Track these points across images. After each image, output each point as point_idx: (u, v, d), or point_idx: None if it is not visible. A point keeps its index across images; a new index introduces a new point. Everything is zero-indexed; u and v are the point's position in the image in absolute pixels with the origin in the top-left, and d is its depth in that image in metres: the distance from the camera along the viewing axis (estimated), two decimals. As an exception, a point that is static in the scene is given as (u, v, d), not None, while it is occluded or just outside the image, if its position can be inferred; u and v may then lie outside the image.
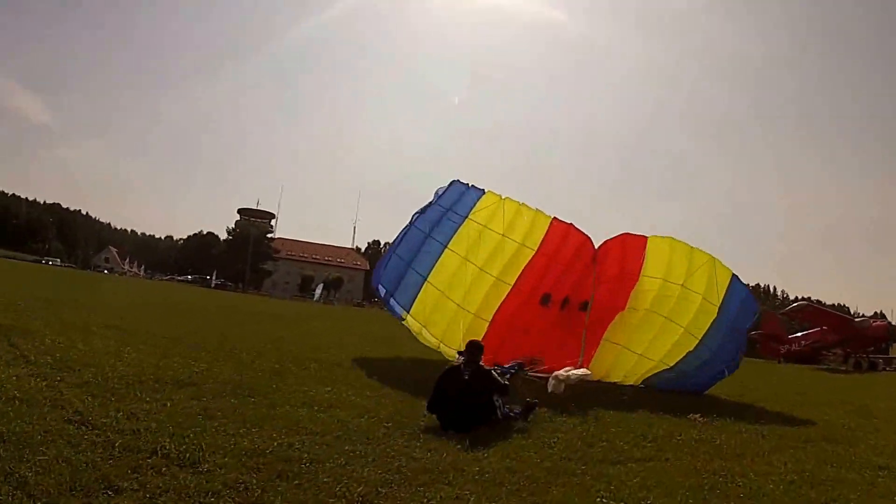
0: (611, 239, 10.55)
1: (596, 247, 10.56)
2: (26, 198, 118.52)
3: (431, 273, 10.49)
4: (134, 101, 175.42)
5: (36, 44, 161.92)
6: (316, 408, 6.27)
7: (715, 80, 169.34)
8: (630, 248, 10.39)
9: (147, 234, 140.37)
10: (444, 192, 10.79)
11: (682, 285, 9.85)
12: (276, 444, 4.79)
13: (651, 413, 7.70)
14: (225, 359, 8.80)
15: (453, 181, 10.88)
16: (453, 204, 10.57)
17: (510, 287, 10.15)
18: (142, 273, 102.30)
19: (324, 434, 5.31)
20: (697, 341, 9.67)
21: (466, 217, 10.35)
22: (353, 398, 7.01)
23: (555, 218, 10.41)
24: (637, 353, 9.97)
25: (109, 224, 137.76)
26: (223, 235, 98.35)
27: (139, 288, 37.13)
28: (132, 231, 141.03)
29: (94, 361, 6.95)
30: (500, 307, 10.17)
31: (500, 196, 10.48)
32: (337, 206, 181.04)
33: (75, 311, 12.43)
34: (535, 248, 10.15)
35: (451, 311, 10.27)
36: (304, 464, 4.43)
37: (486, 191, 10.65)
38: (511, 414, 6.67)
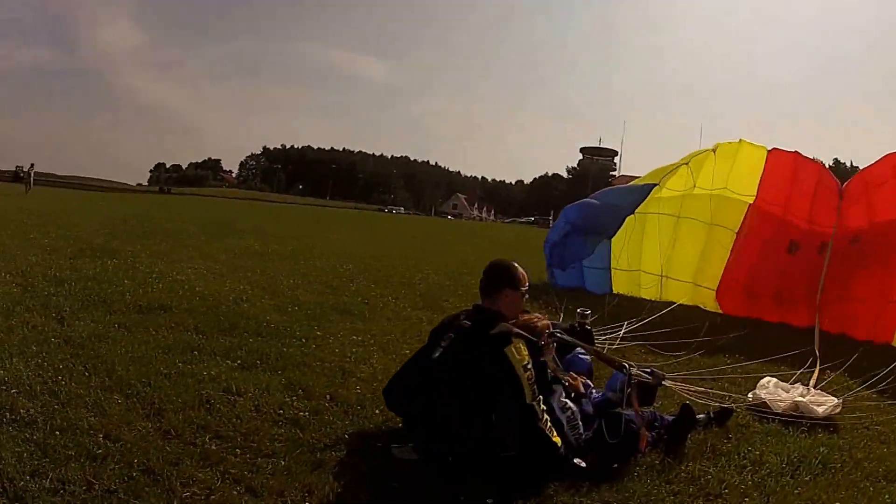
0: (871, 166, 8.23)
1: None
2: (373, 153, 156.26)
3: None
4: (467, 52, 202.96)
5: (368, 11, 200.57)
6: (241, 365, 4.65)
7: None
8: None
9: (497, 179, 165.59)
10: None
11: None
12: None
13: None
14: (307, 290, 8.24)
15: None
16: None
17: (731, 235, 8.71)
18: (491, 217, 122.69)
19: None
20: None
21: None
22: (350, 363, 5.06)
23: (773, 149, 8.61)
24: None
25: (459, 172, 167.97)
26: (566, 176, 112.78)
27: (446, 227, 41.29)
28: (482, 178, 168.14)
29: (103, 277, 7.44)
30: (727, 266, 8.70)
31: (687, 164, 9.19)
32: (681, 140, 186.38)
33: (243, 240, 14.44)
34: (754, 194, 8.60)
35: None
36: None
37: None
38: (647, 433, 3.59)
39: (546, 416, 3.28)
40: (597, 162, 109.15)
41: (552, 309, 7.33)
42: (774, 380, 4.99)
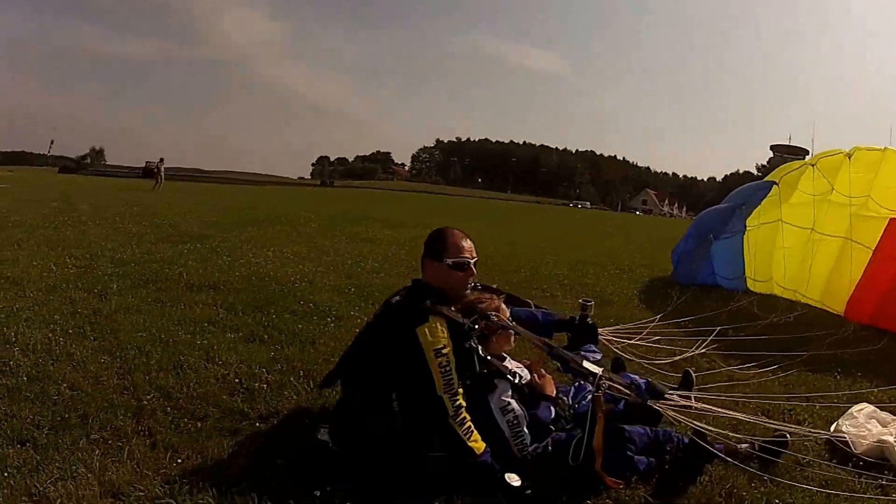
0: None
1: None
2: (556, 147, 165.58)
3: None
4: (654, 48, 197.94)
5: (545, 5, 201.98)
6: (244, 337, 5.13)
7: None
8: None
9: (688, 175, 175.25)
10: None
11: None
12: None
13: None
14: (387, 273, 8.75)
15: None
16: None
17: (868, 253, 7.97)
18: (682, 214, 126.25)
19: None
20: None
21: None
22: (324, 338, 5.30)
23: None
24: None
25: (648, 167, 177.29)
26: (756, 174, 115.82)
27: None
28: (673, 174, 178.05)
29: (171, 259, 8.45)
30: (857, 287, 7.94)
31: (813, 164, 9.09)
32: (874, 137, 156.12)
33: (365, 228, 15.58)
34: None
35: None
36: None
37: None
38: (642, 458, 3.17)
39: (465, 413, 2.97)
40: (787, 160, 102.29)
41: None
42: (870, 408, 4.12)
